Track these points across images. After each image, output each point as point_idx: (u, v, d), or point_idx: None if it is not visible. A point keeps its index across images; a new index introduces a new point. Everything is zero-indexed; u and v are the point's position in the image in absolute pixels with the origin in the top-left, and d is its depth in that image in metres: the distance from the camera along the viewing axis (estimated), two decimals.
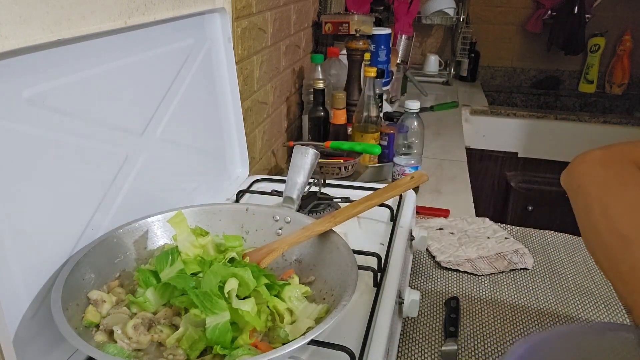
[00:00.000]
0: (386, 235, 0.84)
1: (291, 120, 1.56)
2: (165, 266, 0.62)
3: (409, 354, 0.82)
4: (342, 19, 1.61)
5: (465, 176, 1.53)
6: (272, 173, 1.41)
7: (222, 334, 0.54)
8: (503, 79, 2.82)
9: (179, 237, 0.67)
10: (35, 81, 0.56)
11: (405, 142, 1.29)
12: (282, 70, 1.43)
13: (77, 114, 0.63)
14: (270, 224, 0.76)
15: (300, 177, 0.80)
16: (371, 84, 1.34)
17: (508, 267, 1.03)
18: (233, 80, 0.98)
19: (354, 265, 0.63)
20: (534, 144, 2.38)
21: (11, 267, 0.55)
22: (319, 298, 0.64)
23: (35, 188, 0.57)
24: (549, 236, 1.16)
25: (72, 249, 0.64)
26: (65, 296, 0.55)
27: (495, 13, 2.71)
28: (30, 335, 0.57)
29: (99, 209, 0.68)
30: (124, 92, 0.71)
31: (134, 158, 0.74)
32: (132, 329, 0.56)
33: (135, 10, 0.70)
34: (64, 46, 0.59)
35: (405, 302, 0.77)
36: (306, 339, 0.52)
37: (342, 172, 1.26)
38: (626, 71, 2.60)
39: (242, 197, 0.95)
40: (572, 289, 0.99)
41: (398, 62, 2.01)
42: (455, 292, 0.97)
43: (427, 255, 1.08)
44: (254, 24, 1.18)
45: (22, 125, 0.55)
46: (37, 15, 0.54)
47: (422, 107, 1.52)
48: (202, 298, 0.55)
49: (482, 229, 1.15)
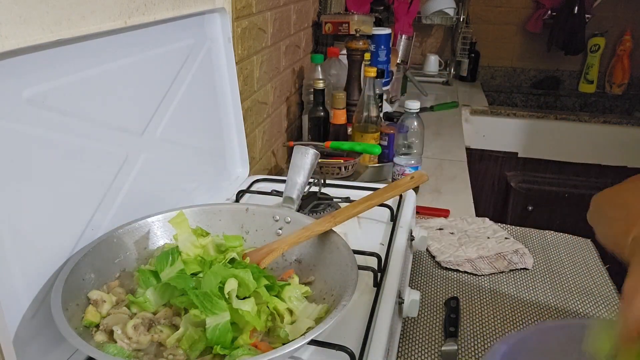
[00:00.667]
0: (386, 235, 0.84)
1: (291, 120, 1.56)
2: (165, 266, 0.62)
3: (409, 354, 0.82)
4: (342, 19, 1.61)
5: (465, 176, 1.53)
6: (272, 173, 1.41)
7: (222, 334, 0.54)
8: (503, 79, 2.82)
9: (179, 237, 0.67)
10: (35, 81, 0.56)
11: (405, 142, 1.29)
12: (282, 70, 1.43)
13: (77, 114, 0.63)
14: (270, 224, 0.76)
15: (300, 177, 0.80)
16: (371, 84, 1.34)
17: (508, 267, 1.03)
18: (233, 80, 0.98)
19: (354, 265, 0.63)
20: (534, 144, 2.38)
21: (11, 267, 0.55)
22: (319, 298, 0.64)
23: (35, 188, 0.57)
24: (549, 236, 1.16)
25: (72, 249, 0.64)
26: (65, 296, 0.55)
27: (495, 13, 2.71)
28: (30, 335, 0.57)
29: (99, 209, 0.68)
30: (124, 92, 0.71)
31: (134, 158, 0.74)
32: (132, 329, 0.56)
33: (135, 10, 0.70)
34: (64, 46, 0.59)
35: (405, 302, 0.77)
36: (306, 339, 0.52)
37: (342, 172, 1.26)
38: (626, 71, 2.60)
39: (242, 197, 0.95)
40: (572, 288, 0.99)
41: (398, 62, 2.01)
42: (455, 292, 0.97)
43: (427, 255, 1.08)
44: (254, 24, 1.18)
45: (22, 125, 0.55)
46: (37, 15, 0.54)
47: (422, 107, 1.52)
48: (202, 298, 0.55)
49: (482, 229, 1.15)
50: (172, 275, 0.61)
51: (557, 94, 2.72)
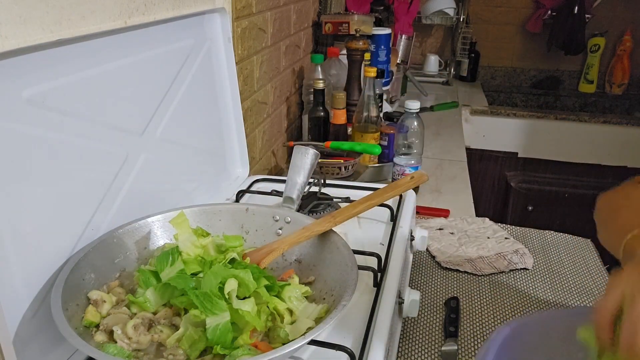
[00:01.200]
0: (386, 235, 0.85)
1: (291, 120, 1.56)
2: (165, 266, 0.62)
3: (409, 354, 0.82)
4: (342, 19, 1.61)
5: (465, 176, 1.53)
6: (272, 173, 1.41)
7: (223, 334, 0.54)
8: (503, 79, 2.82)
9: (180, 237, 0.67)
10: (35, 81, 0.56)
11: (405, 142, 1.29)
12: (282, 70, 1.43)
13: (77, 114, 0.63)
14: (270, 224, 0.76)
15: (300, 177, 0.80)
16: (371, 84, 1.34)
17: (508, 267, 1.03)
18: (233, 80, 0.98)
19: (354, 265, 0.63)
20: (534, 144, 2.38)
21: (11, 267, 0.55)
22: (319, 298, 0.64)
23: (35, 188, 0.57)
24: (549, 236, 1.16)
25: (72, 249, 0.64)
26: (65, 296, 0.55)
27: (495, 13, 2.71)
28: (30, 335, 0.57)
29: (99, 209, 0.68)
30: (124, 92, 0.71)
31: (134, 158, 0.74)
32: (132, 329, 0.56)
33: (135, 10, 0.70)
34: (64, 46, 0.59)
35: (405, 302, 0.77)
36: (306, 339, 0.52)
37: (342, 172, 1.26)
38: (626, 71, 2.59)
39: (242, 197, 0.95)
40: (572, 289, 0.99)
41: (398, 62, 2.01)
42: (455, 292, 0.97)
43: (427, 255, 1.08)
44: (254, 24, 1.18)
45: (22, 125, 0.55)
46: (37, 15, 0.54)
47: (422, 107, 1.52)
48: (202, 298, 0.55)
49: (482, 229, 1.15)
50: (172, 275, 0.61)
51: (557, 94, 2.72)
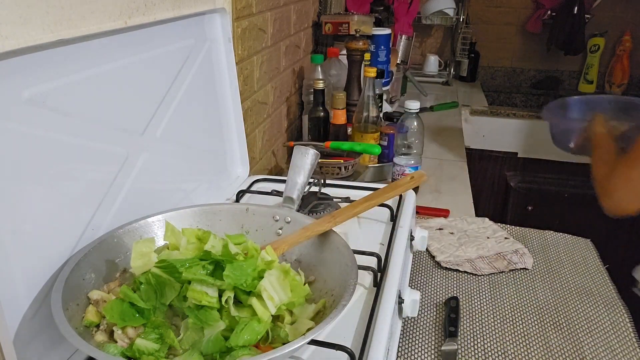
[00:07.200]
0: (386, 235, 0.85)
1: (291, 120, 1.56)
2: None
3: (409, 354, 0.82)
4: (342, 19, 1.61)
5: (465, 176, 1.53)
6: (272, 173, 1.41)
7: (215, 345, 0.54)
8: (503, 79, 2.82)
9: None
10: (35, 81, 0.56)
11: (405, 142, 1.29)
12: (282, 71, 1.43)
13: (77, 114, 0.63)
14: (270, 224, 0.76)
15: (300, 177, 0.80)
16: (371, 84, 1.34)
17: (508, 267, 1.03)
18: (233, 80, 0.98)
19: (354, 265, 0.63)
20: (533, 144, 2.37)
21: (11, 267, 0.55)
22: (319, 298, 0.64)
23: (35, 188, 0.57)
24: (549, 236, 1.16)
25: (72, 249, 0.64)
26: (66, 296, 0.55)
27: (495, 13, 2.71)
28: (31, 335, 0.57)
29: (99, 209, 0.68)
30: (124, 92, 0.71)
31: (134, 158, 0.74)
32: (132, 329, 0.56)
33: (135, 10, 0.70)
34: (64, 46, 0.59)
35: (405, 302, 0.77)
36: (306, 339, 0.52)
37: (342, 172, 1.26)
38: (626, 71, 2.60)
39: (242, 197, 0.95)
40: (572, 289, 0.99)
41: (398, 62, 2.01)
42: (455, 292, 0.97)
43: (427, 255, 1.08)
44: (254, 24, 1.18)
45: (22, 125, 0.55)
46: (37, 15, 0.53)
47: (422, 107, 1.52)
48: (196, 312, 0.55)
49: (482, 229, 1.15)
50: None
51: (557, 94, 2.71)
